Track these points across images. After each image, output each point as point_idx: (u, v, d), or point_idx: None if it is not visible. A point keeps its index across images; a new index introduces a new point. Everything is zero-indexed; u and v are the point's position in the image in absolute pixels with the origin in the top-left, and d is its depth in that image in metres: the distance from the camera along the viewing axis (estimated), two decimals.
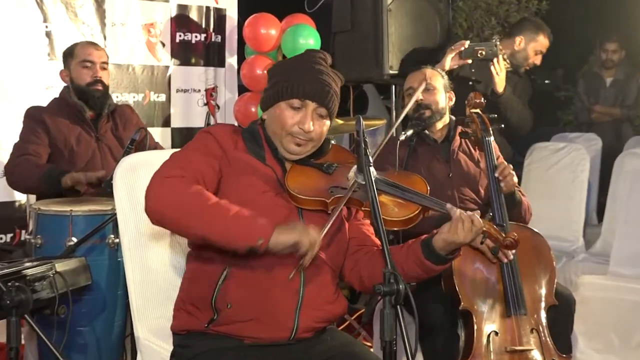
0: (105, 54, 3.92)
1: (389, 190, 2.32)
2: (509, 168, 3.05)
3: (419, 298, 2.09)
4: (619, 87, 6.67)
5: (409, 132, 3.32)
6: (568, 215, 4.69)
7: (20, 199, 4.43)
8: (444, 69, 3.91)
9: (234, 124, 5.16)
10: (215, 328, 2.27)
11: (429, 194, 2.37)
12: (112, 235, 3.18)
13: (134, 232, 2.59)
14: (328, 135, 2.44)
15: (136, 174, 2.59)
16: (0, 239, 4.48)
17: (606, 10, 7.19)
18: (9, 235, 4.49)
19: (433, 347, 2.93)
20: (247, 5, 5.54)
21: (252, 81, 5.15)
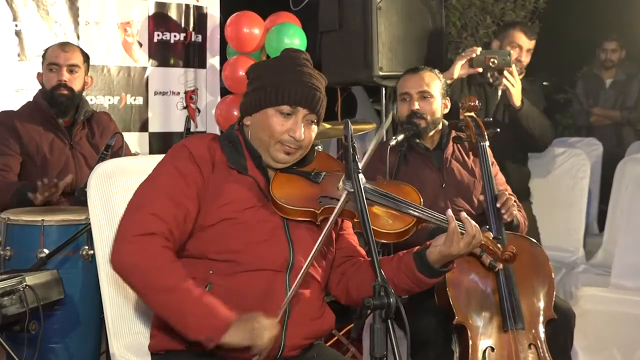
0: (79, 55, 3.87)
1: (382, 201, 2.31)
2: (511, 200, 3.00)
3: (411, 312, 2.10)
4: (619, 89, 6.71)
5: (399, 137, 3.25)
6: (568, 224, 4.67)
7: None
8: (452, 77, 3.86)
9: (214, 132, 5.15)
10: (196, 348, 2.20)
11: (421, 205, 2.37)
12: (86, 247, 3.17)
13: (109, 243, 2.55)
14: (315, 140, 2.42)
15: (112, 182, 2.58)
16: None
17: (607, 8, 7.23)
18: None
19: None
20: (230, 3, 5.53)
21: (235, 83, 5.12)
